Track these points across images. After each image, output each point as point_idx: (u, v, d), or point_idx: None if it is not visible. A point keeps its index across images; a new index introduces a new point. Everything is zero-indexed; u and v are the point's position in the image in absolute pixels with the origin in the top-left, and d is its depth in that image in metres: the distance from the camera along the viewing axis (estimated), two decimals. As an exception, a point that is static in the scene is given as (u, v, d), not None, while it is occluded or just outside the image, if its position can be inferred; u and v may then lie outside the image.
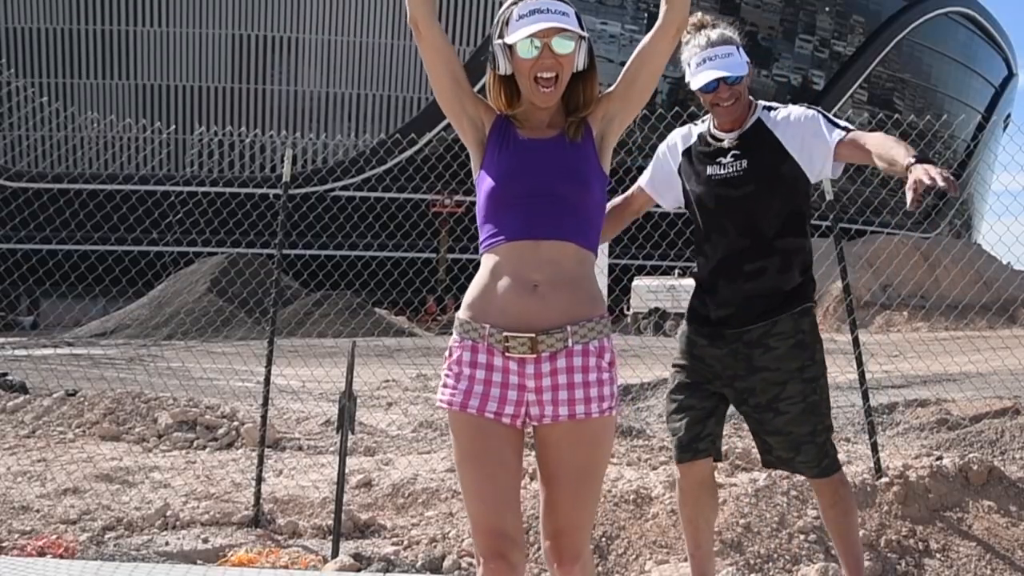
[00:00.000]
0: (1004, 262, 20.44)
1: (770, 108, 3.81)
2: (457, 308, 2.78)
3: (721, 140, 3.77)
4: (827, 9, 60.30)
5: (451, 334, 2.77)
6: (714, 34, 3.77)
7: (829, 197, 5.56)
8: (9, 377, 10.90)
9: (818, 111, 3.74)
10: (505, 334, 2.65)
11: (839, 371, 12.52)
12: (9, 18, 52.46)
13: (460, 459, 2.74)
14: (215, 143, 48.22)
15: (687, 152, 3.88)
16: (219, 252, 33.39)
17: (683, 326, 3.97)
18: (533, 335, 2.64)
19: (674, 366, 3.93)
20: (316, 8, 52.70)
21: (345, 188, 44.96)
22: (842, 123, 3.68)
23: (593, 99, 2.84)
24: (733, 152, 3.73)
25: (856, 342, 5.56)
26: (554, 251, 2.69)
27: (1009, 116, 68.01)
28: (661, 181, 3.96)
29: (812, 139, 3.67)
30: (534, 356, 2.66)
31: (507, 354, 2.67)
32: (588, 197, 2.76)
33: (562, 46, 2.70)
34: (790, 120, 3.73)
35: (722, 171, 3.74)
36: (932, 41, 64.29)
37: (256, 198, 17.33)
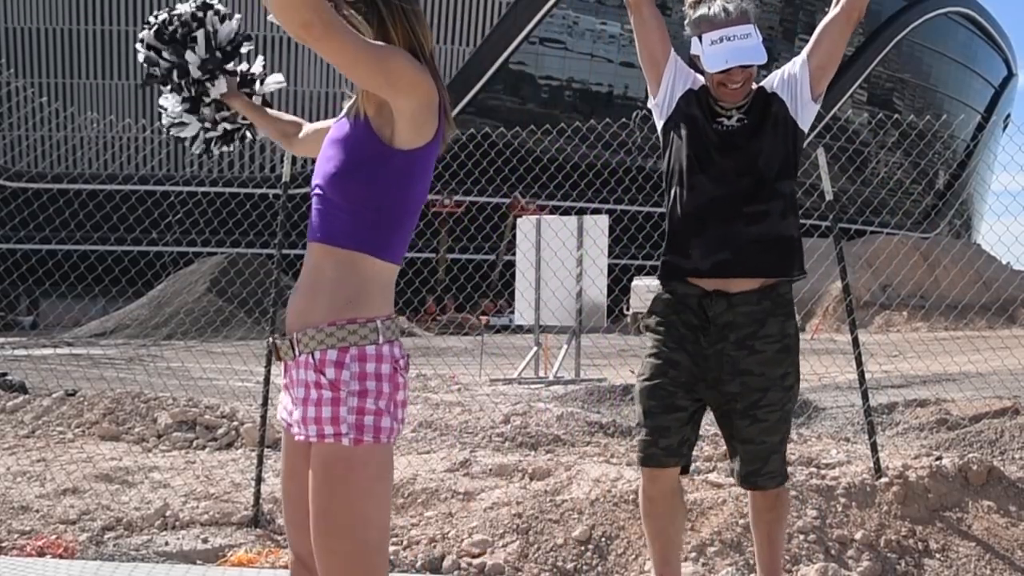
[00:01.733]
0: (1004, 262, 20.46)
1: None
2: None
3: (727, 112, 3.56)
4: (827, 9, 60.27)
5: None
6: (731, 6, 3.48)
7: (829, 197, 5.56)
8: (9, 377, 10.90)
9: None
10: None
11: (839, 371, 12.56)
12: (9, 18, 52.44)
13: None
14: (215, 143, 48.15)
15: (692, 92, 3.63)
16: (219, 252, 33.38)
17: (660, 305, 3.63)
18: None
19: (657, 356, 3.57)
20: (316, 8, 52.64)
21: (345, 188, 44.90)
22: None
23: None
24: (740, 116, 3.57)
25: (856, 342, 5.56)
26: (311, 254, 2.39)
27: (1009, 116, 68.04)
28: (678, 71, 3.64)
29: (794, 70, 3.60)
30: (282, 363, 2.43)
31: None
32: (342, 189, 2.34)
33: None
34: (784, 75, 3.64)
35: (726, 125, 3.55)
36: (932, 41, 64.29)
37: (256, 198, 17.32)
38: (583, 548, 4.98)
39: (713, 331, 3.48)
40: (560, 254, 15.15)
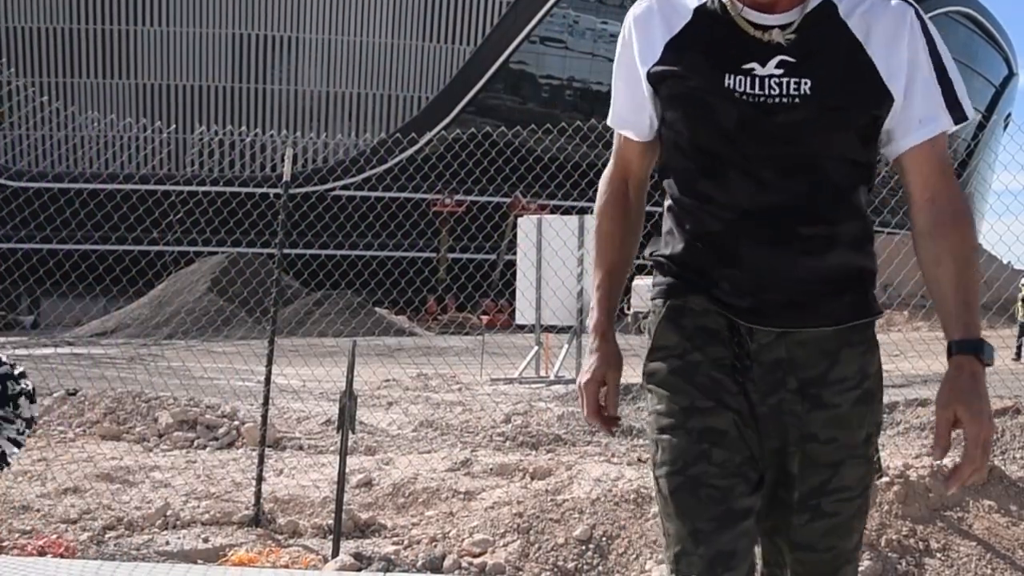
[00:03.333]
0: (1005, 262, 20.40)
1: None
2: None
3: (764, 27, 2.05)
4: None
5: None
6: None
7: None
8: (9, 377, 10.88)
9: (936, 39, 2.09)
10: None
11: (839, 371, 12.53)
12: (9, 18, 52.45)
13: None
14: (215, 143, 48.21)
15: (677, 42, 2.13)
16: (219, 252, 33.38)
17: (668, 336, 2.18)
18: None
19: (683, 425, 2.10)
20: (316, 8, 52.68)
21: (345, 188, 44.94)
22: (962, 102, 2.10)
23: None
24: (784, 58, 2.03)
25: (856, 342, 5.56)
26: None
27: (1009, 116, 67.96)
28: (633, 110, 2.28)
29: (919, 82, 2.06)
30: None
31: None
32: None
33: None
34: (889, 26, 2.05)
35: (757, 90, 2.04)
36: (932, 40, 64.31)
37: (256, 198, 17.34)
38: (584, 547, 4.98)
39: (759, 372, 2.11)
40: (561, 253, 15.16)
